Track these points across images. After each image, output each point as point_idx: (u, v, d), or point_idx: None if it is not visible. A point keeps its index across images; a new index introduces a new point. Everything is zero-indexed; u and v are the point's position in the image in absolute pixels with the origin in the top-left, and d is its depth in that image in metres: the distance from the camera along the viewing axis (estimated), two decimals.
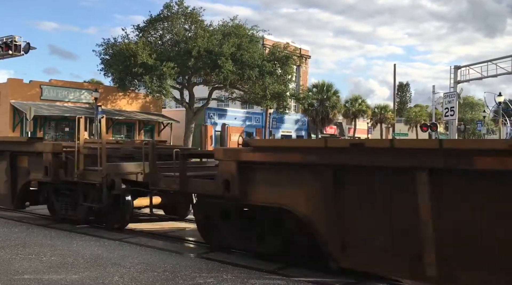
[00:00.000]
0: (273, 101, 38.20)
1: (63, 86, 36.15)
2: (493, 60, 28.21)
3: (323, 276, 6.21)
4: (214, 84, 37.70)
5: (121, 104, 38.85)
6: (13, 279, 5.84)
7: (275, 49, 37.95)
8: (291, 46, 42.14)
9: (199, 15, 36.01)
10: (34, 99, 33.39)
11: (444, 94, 30.01)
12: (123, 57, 33.11)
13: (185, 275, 6.13)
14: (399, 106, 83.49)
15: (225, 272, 6.27)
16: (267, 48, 41.17)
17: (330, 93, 52.56)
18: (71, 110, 34.80)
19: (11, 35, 24.13)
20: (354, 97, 58.16)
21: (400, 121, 65.18)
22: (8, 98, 32.49)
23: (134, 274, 6.15)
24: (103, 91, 37.53)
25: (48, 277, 5.93)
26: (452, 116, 28.28)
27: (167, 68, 32.51)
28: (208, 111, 42.99)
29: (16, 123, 32.67)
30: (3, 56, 24.67)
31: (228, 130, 36.60)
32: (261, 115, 47.05)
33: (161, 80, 33.02)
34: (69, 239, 8.29)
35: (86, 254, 7.19)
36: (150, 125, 40.70)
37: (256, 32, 37.36)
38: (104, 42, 36.03)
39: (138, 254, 7.24)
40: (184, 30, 35.82)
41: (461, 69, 29.36)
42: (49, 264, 6.57)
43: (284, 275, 6.18)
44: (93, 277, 5.98)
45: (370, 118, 60.56)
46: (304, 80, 52.66)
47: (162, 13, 35.91)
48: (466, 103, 72.33)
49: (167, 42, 36.71)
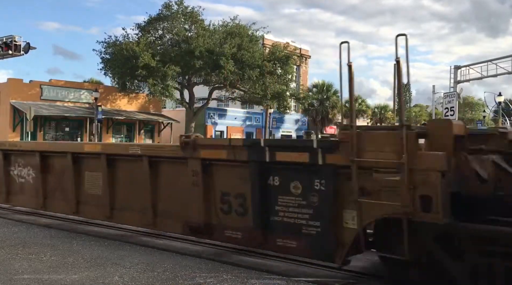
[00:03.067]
0: (273, 101, 38.22)
1: (63, 86, 36.16)
2: (493, 60, 28.22)
3: (323, 276, 6.22)
4: (214, 84, 37.70)
5: (121, 104, 38.85)
6: (13, 279, 5.84)
7: (275, 49, 37.96)
8: (291, 46, 42.15)
9: (199, 14, 36.03)
10: (34, 99, 33.40)
11: (444, 94, 30.02)
12: (124, 58, 33.10)
13: (185, 275, 6.14)
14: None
15: (225, 272, 6.27)
16: (267, 48, 41.17)
17: (330, 93, 52.54)
18: (71, 110, 34.82)
19: (11, 35, 24.13)
20: (354, 97, 58.16)
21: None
22: (8, 98, 32.50)
23: (134, 274, 6.16)
24: (103, 91, 37.53)
25: (48, 277, 5.93)
26: (452, 116, 28.26)
27: (170, 70, 32.55)
28: (208, 111, 42.99)
29: (16, 123, 32.69)
30: (3, 56, 24.68)
31: (228, 130, 36.62)
32: (261, 115, 47.04)
33: (163, 81, 33.05)
34: (69, 239, 8.29)
35: (86, 254, 7.19)
36: (150, 125, 40.71)
37: (256, 31, 37.37)
38: (104, 40, 36.09)
39: (138, 254, 7.24)
40: (184, 30, 35.82)
41: (461, 69, 29.38)
42: (49, 264, 6.57)
43: (284, 275, 6.18)
44: (93, 277, 5.99)
45: (370, 118, 60.57)
46: (304, 80, 52.65)
47: (162, 13, 35.90)
48: (466, 103, 72.31)
49: (167, 42, 36.72)
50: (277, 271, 6.42)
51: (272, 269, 6.51)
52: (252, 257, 7.16)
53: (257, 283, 5.85)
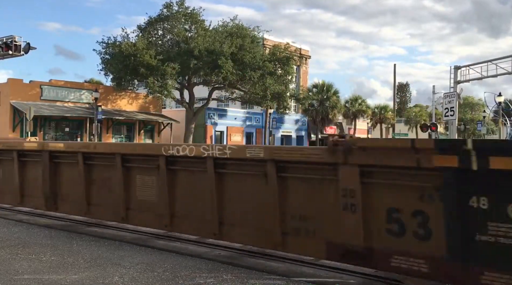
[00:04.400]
0: (273, 101, 38.22)
1: (63, 86, 36.16)
2: (493, 60, 28.19)
3: (323, 276, 6.21)
4: (214, 84, 37.71)
5: (121, 104, 38.86)
6: (13, 279, 5.84)
7: (275, 50, 37.97)
8: (292, 46, 42.16)
9: (199, 15, 36.04)
10: (34, 99, 33.41)
11: (444, 94, 30.03)
12: (124, 57, 33.11)
13: (185, 275, 6.13)
14: (399, 106, 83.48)
15: (225, 272, 6.27)
16: (267, 48, 41.19)
17: (330, 93, 52.51)
18: (71, 110, 34.82)
19: (11, 35, 24.08)
20: (354, 97, 58.16)
21: (400, 121, 65.19)
22: (8, 98, 32.50)
23: (134, 274, 6.16)
24: (103, 91, 37.55)
25: (48, 277, 5.93)
26: (452, 116, 28.29)
27: (169, 69, 32.54)
28: (208, 111, 42.99)
29: (16, 123, 32.69)
30: (3, 56, 24.63)
31: (228, 130, 36.63)
32: (261, 115, 47.05)
33: (163, 80, 33.05)
34: (69, 239, 8.29)
35: (86, 254, 7.19)
36: (150, 125, 40.72)
37: (258, 33, 37.42)
38: (104, 40, 36.09)
39: (138, 254, 7.24)
40: (185, 30, 35.84)
41: (461, 69, 29.36)
42: (49, 264, 6.57)
43: (284, 275, 6.18)
44: (93, 277, 5.99)
45: (370, 118, 60.55)
46: (304, 80, 52.66)
47: (162, 13, 35.92)
48: (466, 103, 72.30)
49: (167, 42, 36.73)
50: (277, 271, 6.42)
51: (272, 269, 6.51)
52: (252, 257, 7.16)
53: (257, 283, 5.85)
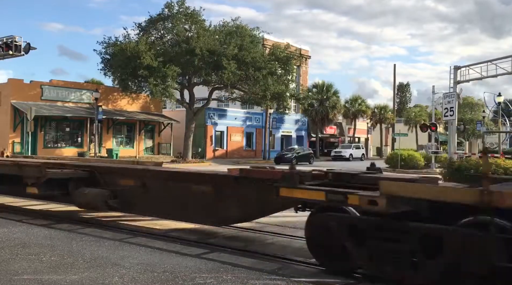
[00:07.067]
0: (273, 101, 38.24)
1: (63, 86, 36.18)
2: (493, 60, 28.11)
3: (323, 276, 6.22)
4: (214, 84, 37.72)
5: (121, 104, 38.87)
6: (13, 279, 5.84)
7: (275, 50, 37.99)
8: (292, 46, 42.18)
9: (200, 15, 36.05)
10: (35, 99, 33.43)
11: (444, 94, 29.98)
12: (125, 58, 33.08)
13: (185, 275, 6.14)
14: (399, 106, 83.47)
15: (225, 272, 6.27)
16: (267, 48, 41.19)
17: (330, 93, 52.51)
18: (72, 110, 34.84)
19: (11, 35, 24.06)
20: (354, 97, 58.17)
21: (400, 121, 65.19)
22: (8, 98, 32.52)
23: (134, 274, 6.16)
24: (104, 91, 37.55)
25: (48, 278, 5.93)
26: (451, 116, 28.24)
27: (170, 71, 32.55)
28: (208, 111, 43.01)
29: (17, 123, 32.70)
30: (3, 56, 24.60)
31: (228, 130, 36.64)
32: (261, 115, 47.06)
33: (164, 82, 33.06)
34: (69, 240, 8.29)
35: (86, 254, 7.19)
36: (150, 126, 40.74)
37: (258, 33, 37.43)
38: (104, 40, 36.10)
39: (138, 255, 7.24)
40: (185, 30, 35.84)
41: (461, 69, 29.28)
42: (49, 265, 6.57)
43: (284, 275, 6.18)
44: (93, 277, 5.99)
45: (370, 118, 60.52)
46: (304, 80, 52.68)
47: (163, 13, 35.92)
48: (466, 103, 72.25)
49: (167, 42, 36.73)
50: (277, 271, 6.42)
51: (272, 269, 6.51)
52: (252, 257, 7.16)
53: (257, 283, 5.85)
